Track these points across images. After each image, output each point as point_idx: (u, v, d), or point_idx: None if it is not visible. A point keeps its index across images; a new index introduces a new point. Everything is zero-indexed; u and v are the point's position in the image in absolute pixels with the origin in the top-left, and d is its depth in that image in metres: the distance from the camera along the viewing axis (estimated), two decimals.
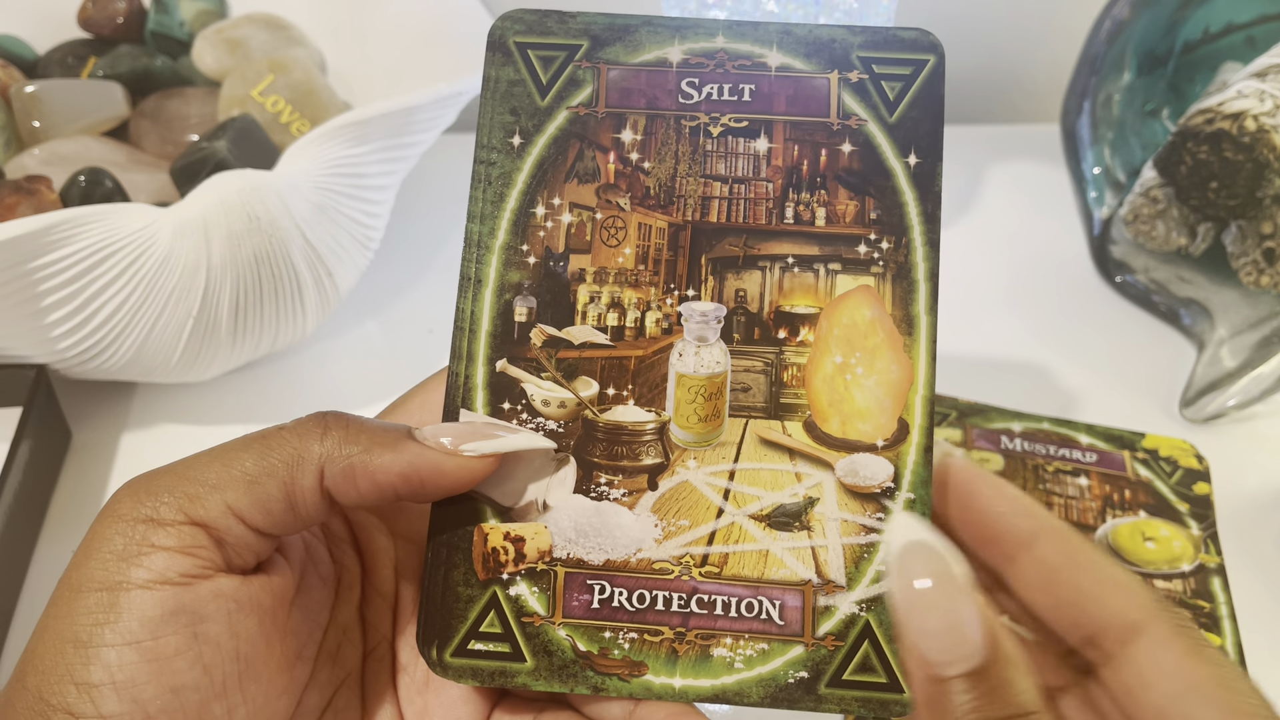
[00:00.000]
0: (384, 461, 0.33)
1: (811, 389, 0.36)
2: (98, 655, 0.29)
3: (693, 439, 0.37)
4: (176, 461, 0.33)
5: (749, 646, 0.35)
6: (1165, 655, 0.31)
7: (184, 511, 0.31)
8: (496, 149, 0.38)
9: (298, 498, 0.33)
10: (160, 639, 0.30)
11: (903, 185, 0.37)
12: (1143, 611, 0.32)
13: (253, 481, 0.32)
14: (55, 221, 0.51)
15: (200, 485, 0.32)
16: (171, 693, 0.30)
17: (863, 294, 0.37)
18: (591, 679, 0.35)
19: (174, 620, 0.30)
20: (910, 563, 0.31)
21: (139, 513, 0.31)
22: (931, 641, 0.30)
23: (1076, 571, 0.33)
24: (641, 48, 0.38)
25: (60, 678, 0.29)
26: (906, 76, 0.37)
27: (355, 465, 0.33)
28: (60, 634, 0.30)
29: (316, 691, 0.36)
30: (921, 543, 0.32)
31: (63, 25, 0.74)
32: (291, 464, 0.33)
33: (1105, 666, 0.33)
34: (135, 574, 0.30)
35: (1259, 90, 0.63)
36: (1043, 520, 0.34)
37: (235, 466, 0.32)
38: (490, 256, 0.37)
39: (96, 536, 0.31)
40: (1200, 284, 0.69)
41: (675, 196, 0.37)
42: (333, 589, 0.37)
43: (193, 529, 0.31)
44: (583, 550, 0.36)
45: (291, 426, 0.34)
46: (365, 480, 0.33)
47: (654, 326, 0.37)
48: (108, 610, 0.30)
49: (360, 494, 0.33)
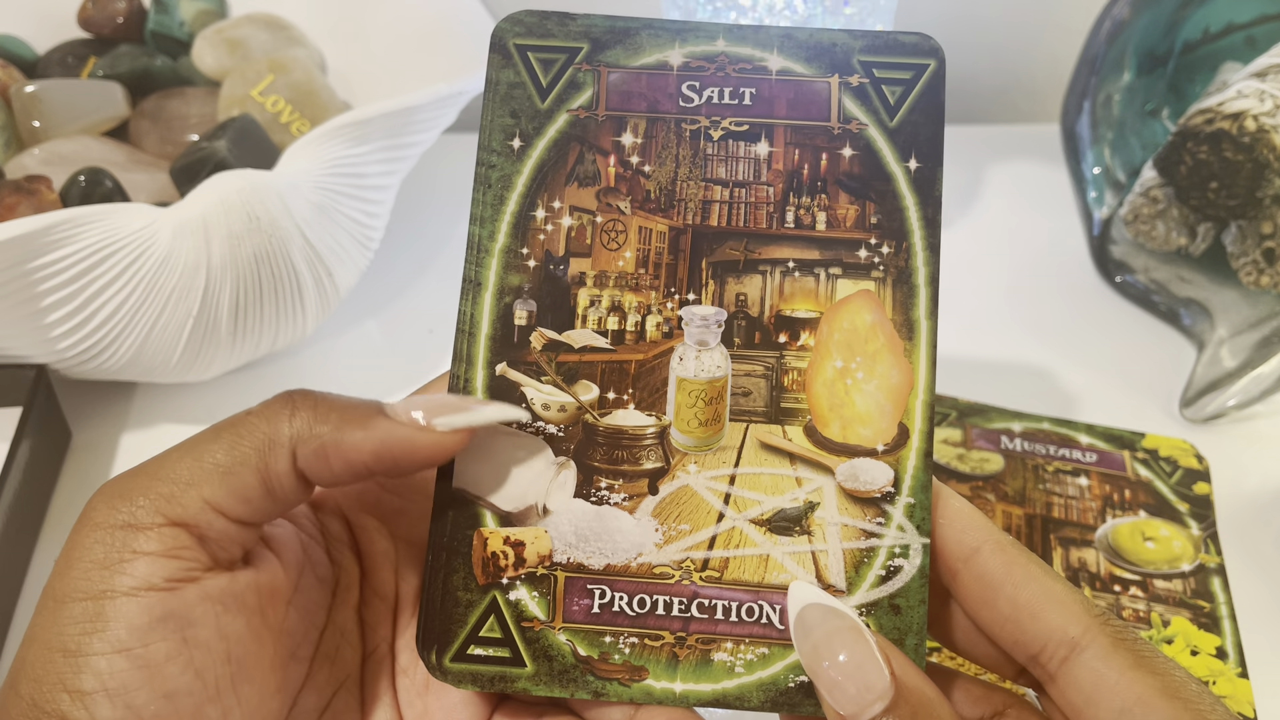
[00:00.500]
0: (355, 440, 0.33)
1: (812, 394, 0.36)
2: (88, 664, 0.29)
3: (693, 443, 0.37)
4: (147, 461, 0.32)
5: (749, 651, 0.35)
6: (1107, 670, 0.31)
7: (162, 513, 0.31)
8: (497, 151, 0.38)
9: (274, 483, 0.32)
10: (150, 645, 0.30)
11: (903, 190, 0.37)
12: (1081, 626, 0.32)
13: (227, 472, 0.32)
14: (55, 221, 0.51)
15: (175, 484, 0.31)
16: (165, 698, 0.30)
17: (863, 299, 0.37)
18: (592, 684, 0.35)
19: (162, 626, 0.30)
20: (807, 624, 0.33)
21: (116, 519, 0.31)
22: (840, 695, 0.31)
23: (1014, 587, 0.33)
24: (642, 51, 0.38)
25: (53, 686, 0.29)
26: (907, 81, 0.37)
27: (327, 445, 0.33)
28: (48, 644, 0.30)
29: (314, 693, 0.35)
30: (813, 604, 0.33)
31: (63, 25, 0.74)
32: (263, 450, 0.32)
33: (1051, 685, 0.33)
34: (119, 582, 0.30)
35: (1259, 90, 0.63)
36: (985, 534, 0.34)
37: (207, 459, 0.32)
38: (490, 259, 0.37)
39: (76, 546, 0.31)
40: (1200, 284, 0.69)
41: (676, 200, 0.37)
42: (330, 590, 0.37)
43: (173, 530, 0.31)
44: (583, 555, 0.36)
45: (259, 410, 0.33)
46: (338, 459, 0.33)
47: (654, 330, 0.37)
48: (94, 619, 0.30)
49: (334, 473, 0.33)
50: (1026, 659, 0.34)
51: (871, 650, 0.31)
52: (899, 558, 0.35)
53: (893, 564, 0.35)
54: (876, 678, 0.31)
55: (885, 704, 0.31)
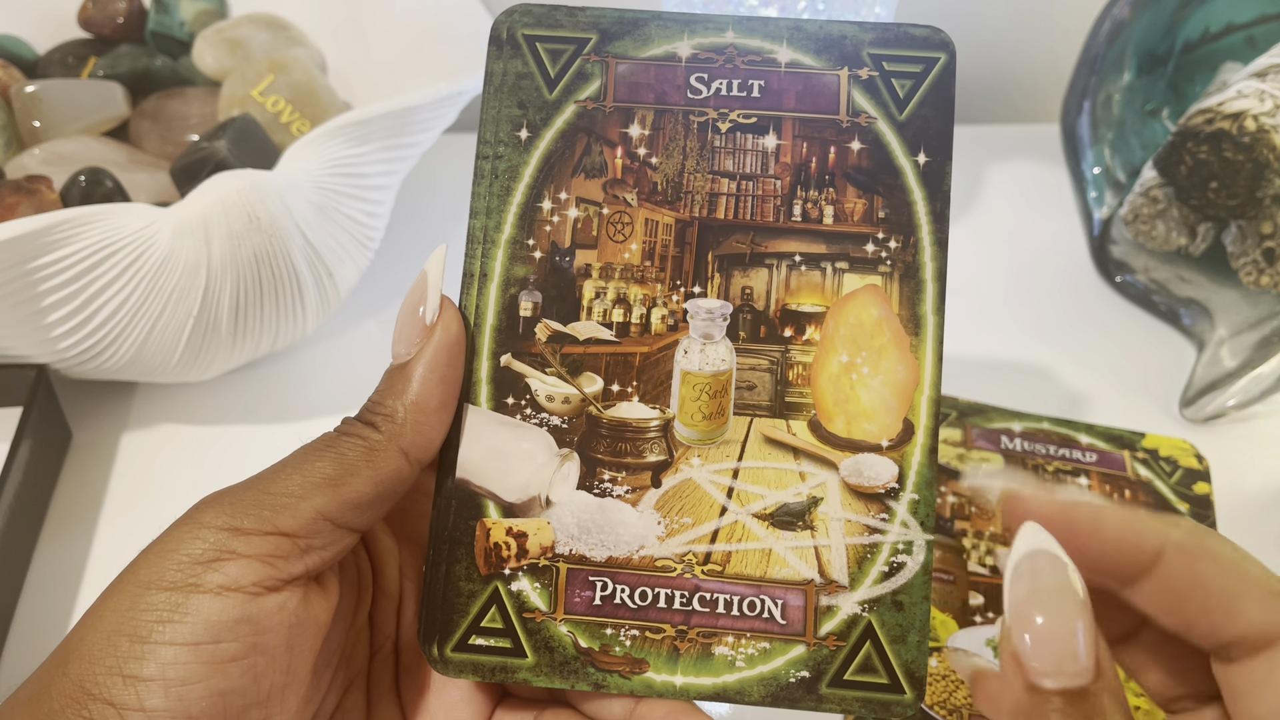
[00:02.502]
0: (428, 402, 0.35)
1: (817, 388, 0.36)
2: (154, 651, 0.29)
3: (697, 436, 0.36)
4: (256, 476, 0.33)
5: (751, 645, 0.35)
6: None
7: (271, 522, 0.32)
8: (503, 142, 0.37)
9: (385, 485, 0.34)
10: (220, 644, 0.30)
11: (911, 184, 0.37)
12: None
13: (336, 483, 0.33)
14: (55, 221, 0.51)
15: (287, 496, 0.32)
16: (218, 695, 0.30)
17: (870, 293, 0.37)
18: (592, 675, 0.35)
19: (237, 628, 0.30)
20: (1037, 566, 0.30)
21: (222, 521, 0.31)
22: (1041, 648, 0.29)
23: (1204, 593, 0.31)
24: (650, 42, 0.38)
25: (109, 669, 0.29)
26: (917, 74, 0.37)
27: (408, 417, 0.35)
28: (117, 626, 0.30)
29: (332, 694, 0.36)
30: (1048, 551, 0.30)
31: (63, 25, 0.74)
32: (369, 453, 0.34)
33: (1227, 664, 0.31)
34: (209, 578, 0.30)
35: (1259, 90, 0.63)
36: (1163, 535, 0.32)
37: (317, 473, 0.33)
38: (496, 251, 0.37)
39: (173, 539, 0.31)
40: (1200, 284, 0.69)
41: (683, 192, 0.37)
42: (356, 594, 0.37)
43: (277, 538, 0.32)
44: (585, 546, 0.36)
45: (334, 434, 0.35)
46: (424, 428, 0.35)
47: (659, 323, 0.37)
48: (173, 610, 0.30)
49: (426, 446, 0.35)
50: (1214, 646, 0.31)
51: (1089, 624, 0.29)
52: (902, 554, 0.35)
53: (896, 560, 0.35)
54: (1084, 651, 0.29)
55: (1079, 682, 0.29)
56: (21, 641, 0.55)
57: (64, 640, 0.31)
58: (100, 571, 0.58)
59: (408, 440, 0.34)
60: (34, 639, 0.55)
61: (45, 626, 0.56)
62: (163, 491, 0.62)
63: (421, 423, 0.34)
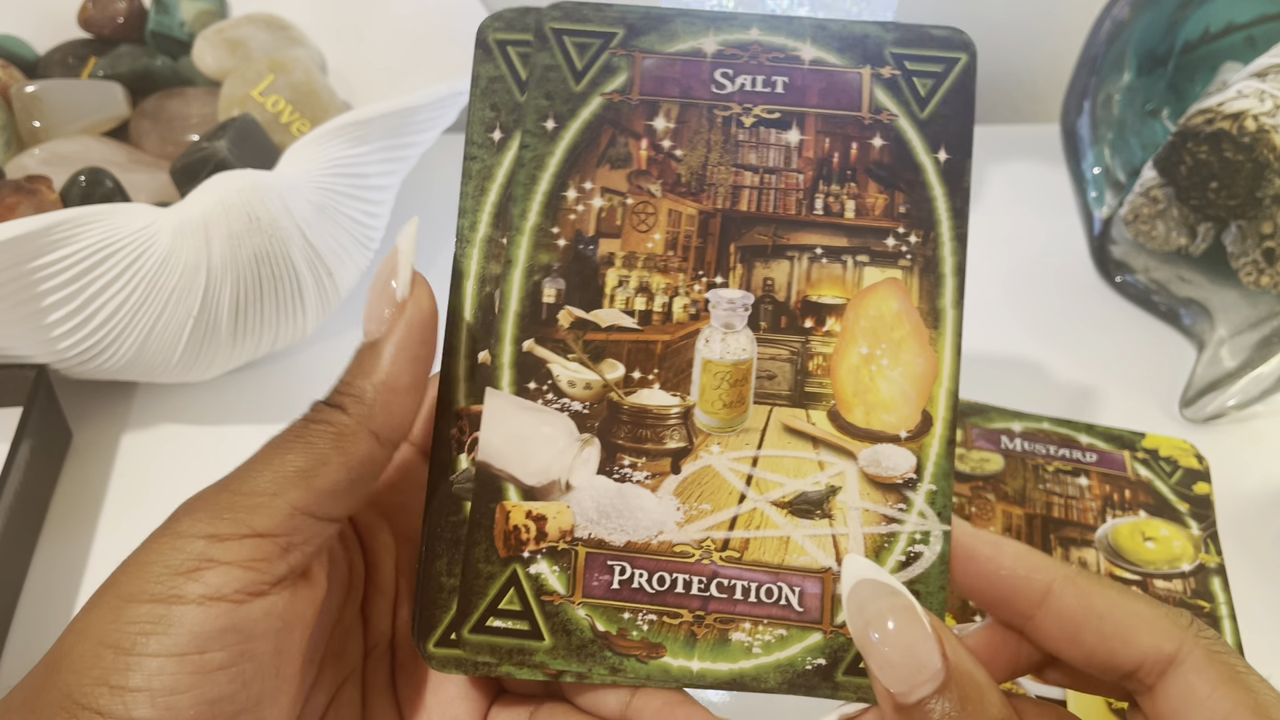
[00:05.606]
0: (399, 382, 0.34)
1: (836, 379, 0.37)
2: (139, 663, 0.29)
3: (717, 424, 0.37)
4: (228, 477, 0.33)
5: (768, 632, 0.35)
6: (1200, 684, 0.31)
7: (247, 525, 0.31)
8: (531, 133, 0.38)
9: (358, 468, 0.33)
10: (207, 654, 0.30)
11: (932, 180, 0.37)
12: (1175, 641, 0.32)
13: (308, 474, 0.32)
14: (55, 221, 0.51)
15: (260, 495, 0.32)
16: (207, 704, 0.30)
17: (890, 286, 0.37)
18: (609, 659, 0.35)
19: (224, 637, 0.30)
20: (861, 597, 0.32)
21: (199, 529, 0.31)
22: (890, 670, 0.31)
23: (1098, 619, 0.32)
24: (676, 38, 0.38)
25: (95, 679, 0.29)
26: (938, 74, 0.38)
27: (379, 394, 0.34)
28: (101, 638, 0.30)
29: (322, 691, 0.36)
30: (868, 578, 0.32)
31: (63, 25, 0.74)
32: (338, 439, 0.33)
33: (1144, 697, 0.33)
34: (191, 589, 0.30)
35: (1259, 90, 0.63)
36: (1051, 571, 0.34)
37: (288, 466, 0.32)
38: (521, 238, 0.37)
39: (152, 549, 0.31)
40: (1200, 284, 0.69)
41: (706, 185, 0.37)
42: (344, 590, 0.37)
43: (255, 541, 0.31)
44: (604, 531, 0.36)
45: (301, 422, 0.34)
46: (396, 405, 0.34)
47: (681, 312, 0.37)
48: (157, 622, 0.30)
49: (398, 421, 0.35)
50: (1120, 677, 0.33)
51: (925, 630, 0.31)
52: (919, 544, 0.35)
53: (913, 550, 0.35)
54: (929, 658, 0.30)
55: (936, 685, 0.30)
56: (21, 641, 0.55)
57: (51, 649, 0.31)
58: (100, 571, 0.58)
59: (378, 422, 0.34)
60: (34, 639, 0.55)
61: (45, 626, 0.55)
62: (163, 491, 0.61)
63: (391, 403, 0.34)
